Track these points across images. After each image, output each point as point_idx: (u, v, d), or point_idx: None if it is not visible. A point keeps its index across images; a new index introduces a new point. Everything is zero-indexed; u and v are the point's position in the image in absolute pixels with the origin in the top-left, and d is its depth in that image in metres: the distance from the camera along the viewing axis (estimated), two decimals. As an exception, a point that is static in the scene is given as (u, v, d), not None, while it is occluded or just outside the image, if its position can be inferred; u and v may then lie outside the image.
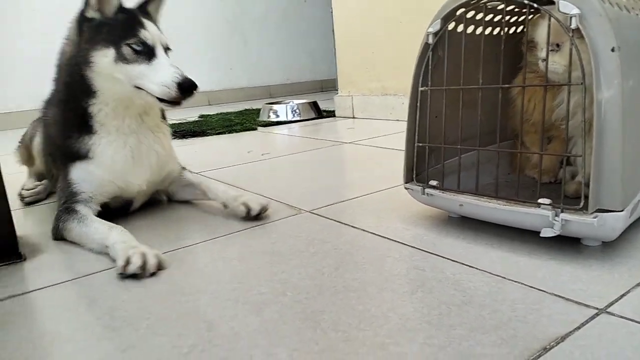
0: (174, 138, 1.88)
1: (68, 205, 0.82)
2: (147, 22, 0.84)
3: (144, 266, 0.65)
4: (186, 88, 0.81)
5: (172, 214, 0.94)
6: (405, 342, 0.47)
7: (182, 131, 1.95)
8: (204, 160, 1.45)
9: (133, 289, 0.63)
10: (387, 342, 0.47)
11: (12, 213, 0.76)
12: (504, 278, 0.58)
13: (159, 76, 0.81)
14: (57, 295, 0.63)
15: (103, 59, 0.81)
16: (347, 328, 0.50)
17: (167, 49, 0.86)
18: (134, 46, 0.81)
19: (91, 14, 0.82)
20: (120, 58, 0.80)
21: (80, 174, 0.84)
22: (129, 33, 0.81)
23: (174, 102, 0.82)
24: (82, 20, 0.82)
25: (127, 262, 0.65)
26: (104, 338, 0.52)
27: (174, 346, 0.49)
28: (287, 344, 0.48)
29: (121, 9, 0.83)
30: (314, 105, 2.27)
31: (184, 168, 1.00)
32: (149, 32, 0.83)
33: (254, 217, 0.85)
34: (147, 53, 0.82)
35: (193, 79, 0.82)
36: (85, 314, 0.58)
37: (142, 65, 0.81)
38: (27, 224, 0.96)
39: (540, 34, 0.71)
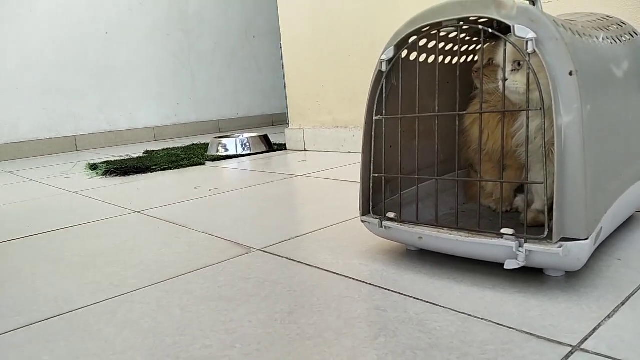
0: (115, 175, 1.79)
1: None
2: None
3: None
4: None
5: (104, 251, 0.85)
6: (369, 398, 0.42)
7: (125, 168, 1.84)
8: (148, 198, 1.36)
9: (56, 349, 0.54)
10: (349, 398, 0.42)
11: None
12: (470, 316, 0.54)
13: None
14: (-39, 361, 0.54)
15: None
16: (304, 384, 0.44)
17: None
18: None
19: None
20: None
21: None
22: None
23: None
24: None
25: None
26: (13, 413, 0.43)
27: (99, 419, 0.41)
28: (235, 407, 0.42)
29: None
30: (265, 138, 2.22)
31: None
32: None
33: None
34: None
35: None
36: (-7, 383, 0.49)
37: None
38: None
39: (502, 55, 0.70)
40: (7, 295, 0.72)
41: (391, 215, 0.71)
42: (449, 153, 0.80)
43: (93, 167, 2.00)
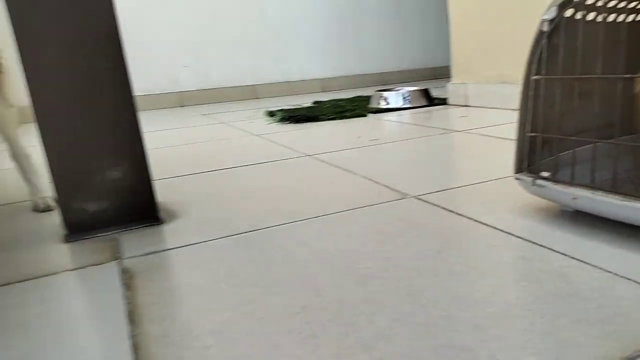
0: (289, 122, 2.00)
1: None
2: None
3: None
4: None
5: (283, 185, 1.02)
6: (506, 327, 0.48)
7: (297, 116, 2.05)
8: (317, 144, 1.52)
9: (252, 254, 0.71)
10: (487, 324, 0.49)
11: (153, 182, 0.87)
12: (616, 275, 0.56)
13: None
14: (189, 253, 0.73)
15: None
16: (447, 307, 0.53)
17: None
18: None
19: None
20: None
21: None
22: None
23: None
24: None
25: None
26: (228, 293, 0.60)
27: (287, 305, 0.55)
28: (388, 314, 0.52)
29: None
30: (425, 92, 2.25)
31: None
32: None
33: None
34: None
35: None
36: (213, 271, 0.66)
37: None
38: (166, 192, 1.10)
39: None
40: (210, 215, 0.92)
41: (545, 174, 0.73)
42: (612, 117, 0.77)
43: (271, 114, 2.25)
